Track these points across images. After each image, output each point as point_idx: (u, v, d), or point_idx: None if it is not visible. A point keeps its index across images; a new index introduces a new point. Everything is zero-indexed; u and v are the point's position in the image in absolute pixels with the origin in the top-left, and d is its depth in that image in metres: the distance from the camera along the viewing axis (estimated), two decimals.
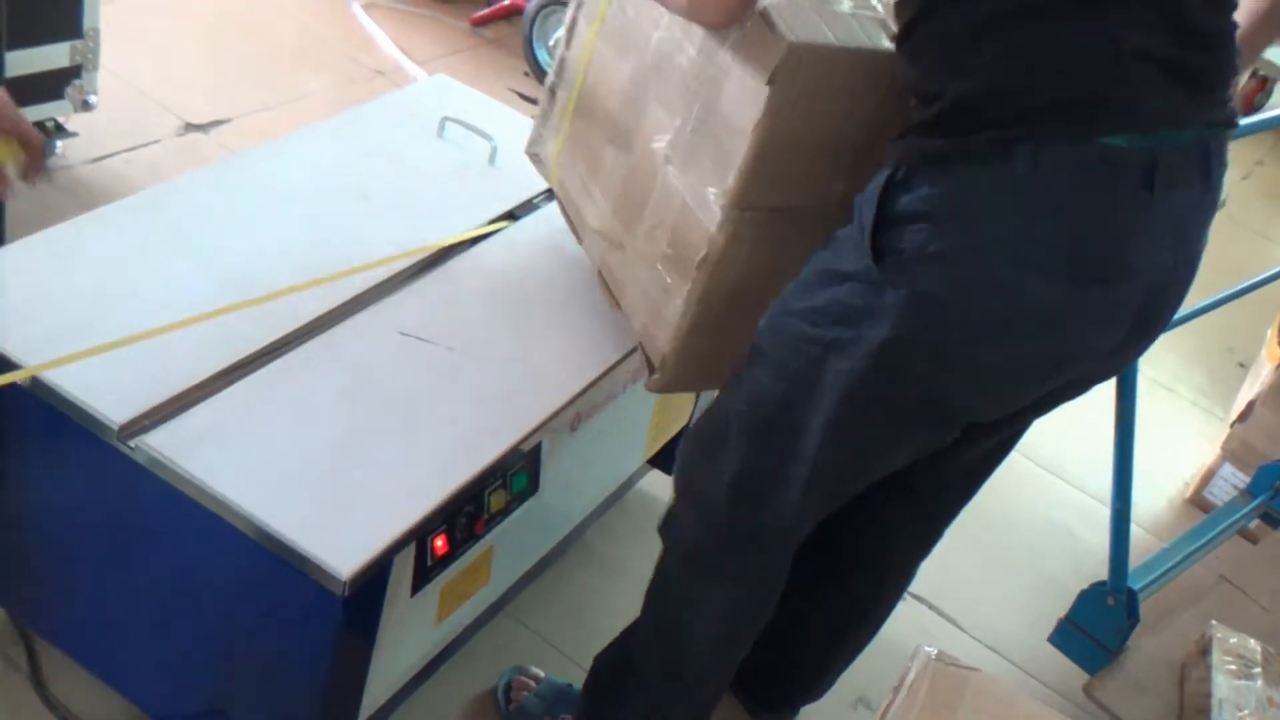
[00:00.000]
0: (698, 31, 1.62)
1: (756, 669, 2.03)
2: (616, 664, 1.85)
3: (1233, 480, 2.88)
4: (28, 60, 2.47)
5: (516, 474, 1.77)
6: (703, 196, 1.60)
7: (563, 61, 1.98)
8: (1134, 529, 2.27)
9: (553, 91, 2.02)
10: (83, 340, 1.63)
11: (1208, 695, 2.10)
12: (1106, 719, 2.22)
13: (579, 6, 1.94)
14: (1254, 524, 2.76)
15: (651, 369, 1.76)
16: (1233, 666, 2.14)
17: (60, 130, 2.81)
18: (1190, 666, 2.24)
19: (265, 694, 1.67)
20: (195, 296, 1.71)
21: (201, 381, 1.62)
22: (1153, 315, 1.45)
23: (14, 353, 1.57)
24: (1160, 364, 3.38)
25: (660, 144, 1.69)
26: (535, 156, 2.09)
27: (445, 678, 1.99)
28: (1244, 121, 2.28)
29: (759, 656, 1.89)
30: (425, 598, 1.70)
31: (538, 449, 1.80)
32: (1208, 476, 2.93)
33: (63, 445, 1.61)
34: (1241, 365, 3.48)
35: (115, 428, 1.52)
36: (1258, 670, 2.13)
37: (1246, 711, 2.05)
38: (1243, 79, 3.71)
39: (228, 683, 1.70)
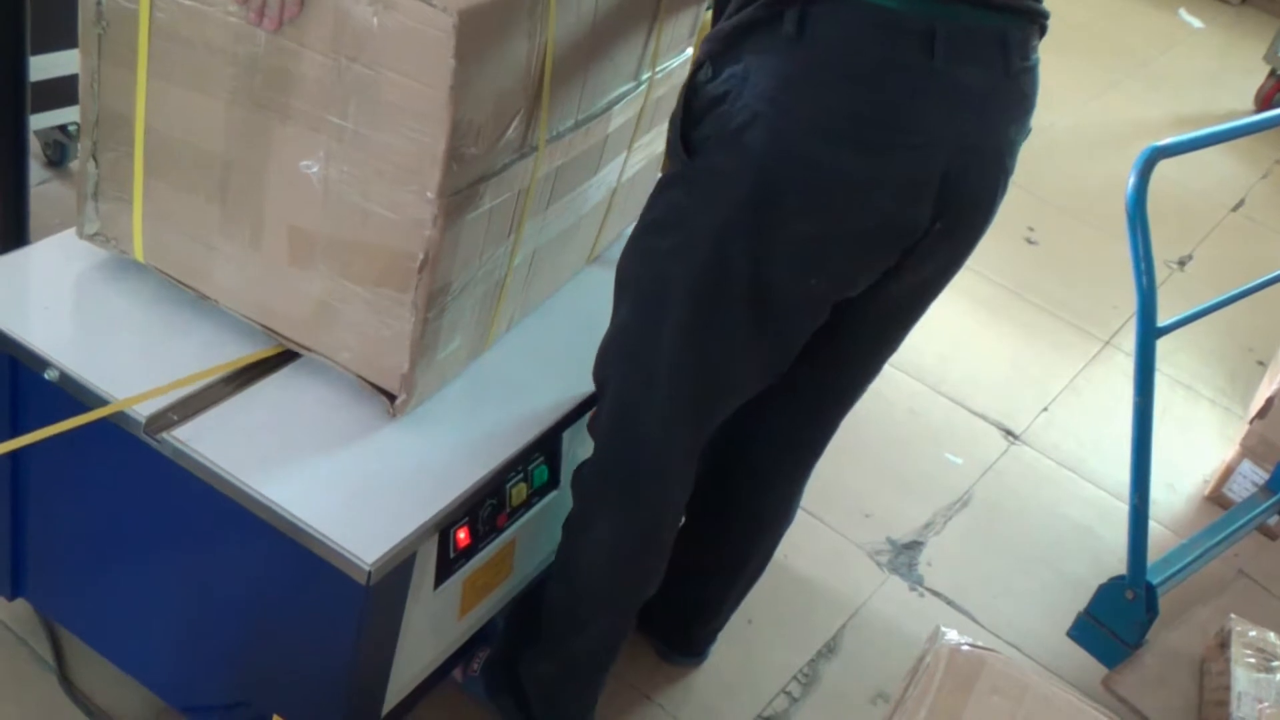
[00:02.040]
0: (320, 33, 1.42)
1: (664, 612, 2.08)
2: (531, 600, 1.92)
3: (1252, 477, 2.87)
4: (50, 65, 2.49)
5: (537, 468, 1.78)
6: (397, 200, 1.47)
7: (98, 118, 1.62)
8: (1153, 525, 2.28)
9: (94, 157, 1.65)
10: (108, 336, 1.65)
11: (1227, 688, 2.10)
12: (1126, 712, 2.22)
13: (99, 54, 1.57)
14: (1273, 520, 2.76)
15: (391, 396, 1.62)
16: (1252, 660, 2.14)
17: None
18: (1209, 660, 2.24)
19: (289, 685, 1.68)
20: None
21: (228, 375, 1.64)
22: (959, 196, 1.45)
23: (43, 348, 1.60)
24: (1179, 362, 3.38)
25: (312, 165, 1.51)
26: (100, 237, 1.72)
27: None
28: (1261, 117, 2.30)
29: (666, 600, 1.93)
30: (448, 590, 1.71)
31: (558, 443, 1.82)
32: (1227, 473, 2.92)
33: (90, 439, 1.63)
34: (1261, 363, 3.47)
35: (142, 421, 1.54)
36: (1277, 664, 2.13)
37: (1266, 704, 2.05)
38: None
39: (251, 674, 1.72)
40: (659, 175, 1.56)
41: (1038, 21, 1.45)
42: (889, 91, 1.36)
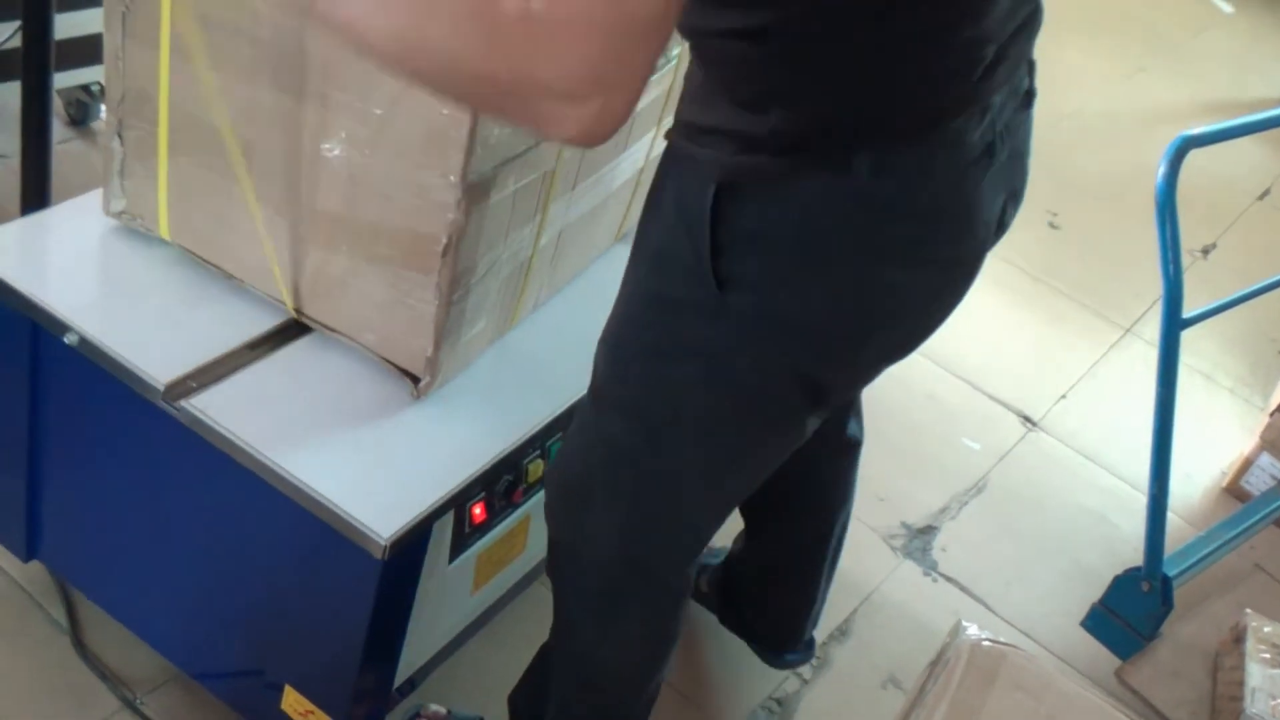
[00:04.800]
0: None
1: (766, 618, 2.06)
2: (535, 700, 1.80)
3: (1271, 470, 2.85)
4: (76, 23, 2.49)
5: (554, 444, 1.77)
6: (420, 184, 1.46)
7: (123, 95, 1.63)
8: (1170, 516, 2.27)
9: (119, 134, 1.66)
10: (130, 301, 1.65)
11: (1241, 683, 2.10)
12: (1139, 704, 2.21)
13: (123, 32, 1.57)
14: None
15: (414, 378, 1.62)
16: (1267, 655, 2.13)
17: (105, 92, 2.84)
18: (1224, 654, 2.23)
19: (303, 655, 1.68)
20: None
21: (248, 344, 1.63)
22: (1000, 229, 1.42)
23: (63, 312, 1.59)
24: (1199, 351, 3.35)
25: (334, 148, 1.50)
26: (126, 215, 1.73)
27: (480, 645, 2.00)
28: None
29: (763, 606, 1.88)
30: (463, 565, 1.71)
31: None
32: (1245, 466, 2.91)
33: (109, 405, 1.63)
34: None
35: (161, 388, 1.54)
36: None
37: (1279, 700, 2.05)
38: None
39: (265, 643, 1.72)
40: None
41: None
42: (959, 204, 1.30)
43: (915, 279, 1.32)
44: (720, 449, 1.44)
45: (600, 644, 1.66)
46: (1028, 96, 1.37)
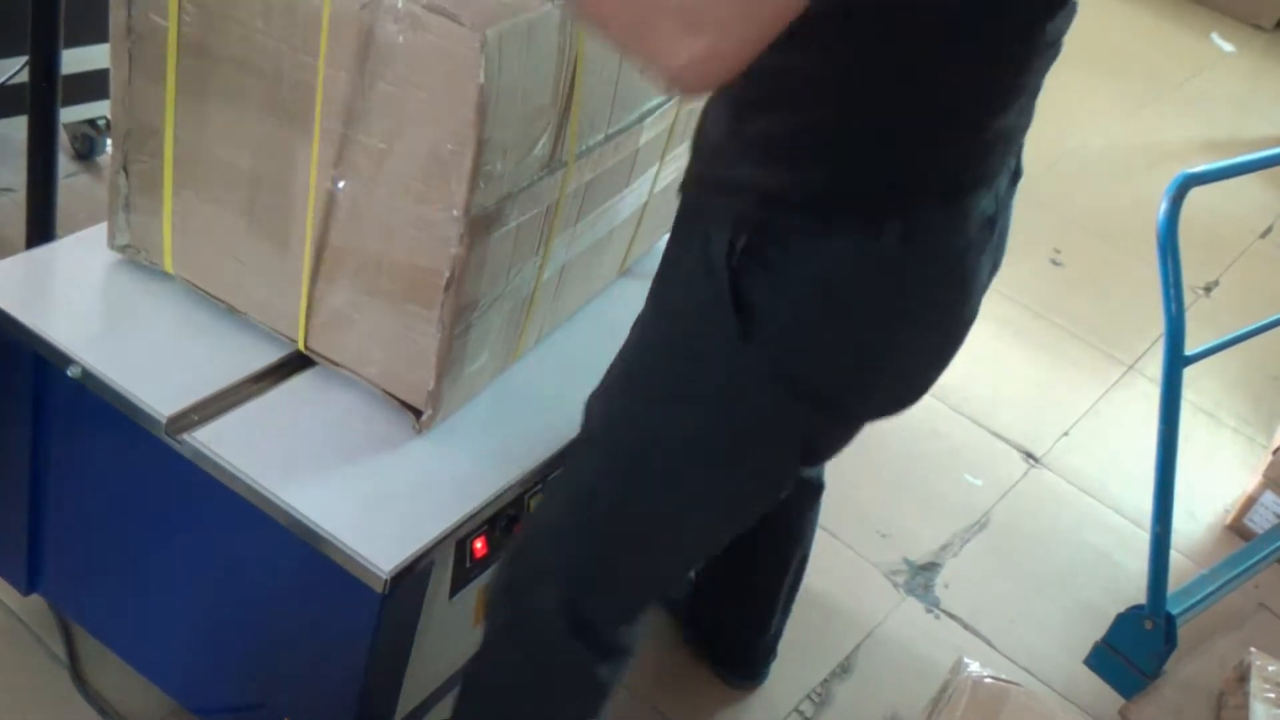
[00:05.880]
0: (345, 50, 1.42)
1: (722, 636, 2.12)
2: None
3: (1274, 508, 2.85)
4: (83, 58, 2.50)
5: (557, 478, 1.77)
6: (423, 218, 1.46)
7: (129, 130, 1.64)
8: (1173, 554, 2.26)
9: (124, 169, 1.67)
10: (133, 334, 1.65)
11: None
12: None
13: (129, 68, 1.58)
14: None
15: (417, 411, 1.62)
16: (1272, 695, 2.11)
17: (110, 127, 2.85)
18: (1228, 694, 2.21)
19: (302, 689, 1.68)
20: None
21: (251, 377, 1.63)
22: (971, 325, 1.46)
23: (67, 345, 1.60)
24: (1202, 388, 3.35)
25: (339, 181, 1.50)
26: (131, 249, 1.73)
27: None
28: None
29: (721, 623, 1.94)
30: (464, 600, 1.71)
31: None
32: (1248, 504, 2.90)
33: (111, 437, 1.63)
34: None
35: (163, 422, 1.54)
36: None
37: None
38: None
39: (264, 677, 1.72)
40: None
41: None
42: (965, 270, 1.34)
43: (924, 341, 1.37)
44: (701, 496, 1.44)
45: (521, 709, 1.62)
46: (1016, 175, 1.41)
